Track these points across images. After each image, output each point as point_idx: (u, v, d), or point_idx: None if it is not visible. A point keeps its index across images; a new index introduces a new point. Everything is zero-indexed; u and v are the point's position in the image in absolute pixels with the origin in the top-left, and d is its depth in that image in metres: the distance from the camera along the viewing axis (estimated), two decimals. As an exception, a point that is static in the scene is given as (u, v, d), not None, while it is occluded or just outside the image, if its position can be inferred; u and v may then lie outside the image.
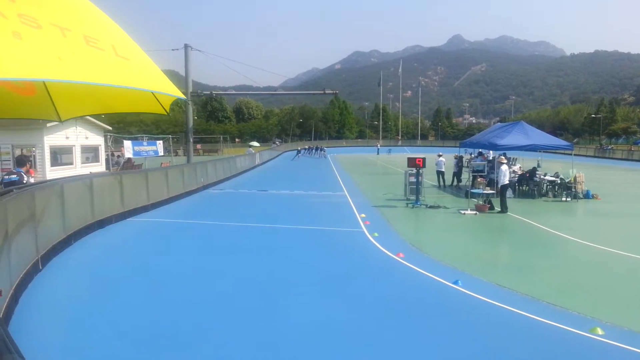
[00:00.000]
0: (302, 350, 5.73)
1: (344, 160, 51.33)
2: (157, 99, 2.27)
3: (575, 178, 20.84)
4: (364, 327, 6.45)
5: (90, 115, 32.72)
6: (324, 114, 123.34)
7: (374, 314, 6.94)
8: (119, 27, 1.91)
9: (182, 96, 1.98)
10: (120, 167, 31.26)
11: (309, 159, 51.30)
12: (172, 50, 30.87)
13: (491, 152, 24.01)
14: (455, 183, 24.60)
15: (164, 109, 2.34)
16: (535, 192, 21.27)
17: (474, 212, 16.25)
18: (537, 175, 22.01)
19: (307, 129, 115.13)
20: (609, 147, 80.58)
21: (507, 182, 17.07)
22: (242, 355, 5.56)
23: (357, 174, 34.05)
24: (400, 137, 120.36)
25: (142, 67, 1.89)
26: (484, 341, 6.08)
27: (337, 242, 11.96)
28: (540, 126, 52.11)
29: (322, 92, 34.50)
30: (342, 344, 5.90)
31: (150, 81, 1.88)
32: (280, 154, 64.07)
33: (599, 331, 6.27)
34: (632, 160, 62.95)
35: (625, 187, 27.82)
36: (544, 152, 27.96)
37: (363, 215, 15.41)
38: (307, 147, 67.80)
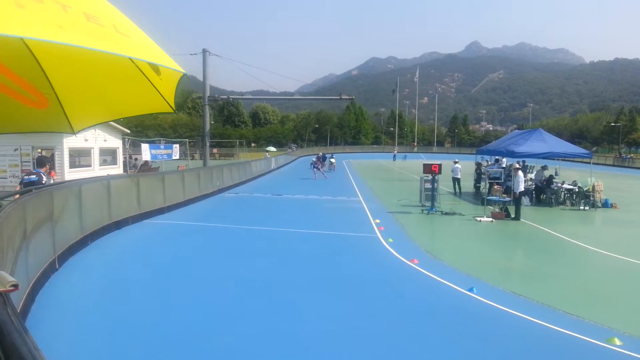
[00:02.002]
0: (316, 355, 5.72)
1: (360, 166, 51.24)
2: (162, 97, 2.29)
3: (593, 187, 20.54)
4: (377, 333, 6.41)
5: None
6: (340, 120, 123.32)
7: (387, 320, 6.90)
8: (120, 11, 1.93)
9: (183, 71, 2.01)
10: (138, 169, 31.60)
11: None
12: (191, 55, 31.22)
13: (505, 159, 23.79)
14: (475, 190, 24.39)
15: (170, 106, 2.36)
16: (553, 201, 20.99)
17: (490, 219, 16.09)
18: (555, 184, 21.72)
19: (323, 135, 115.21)
20: (629, 157, 79.33)
21: (522, 189, 16.88)
22: (255, 356, 5.56)
23: (373, 180, 33.97)
24: (416, 144, 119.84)
25: (143, 43, 1.91)
26: (499, 349, 6.01)
27: (351, 247, 11.93)
28: (559, 134, 51.52)
29: (338, 97, 34.48)
30: (354, 350, 5.87)
31: (151, 54, 1.91)
32: (295, 159, 64.21)
33: (617, 341, 6.15)
34: (653, 169, 61.84)
35: (646, 197, 27.31)
36: (562, 160, 27.65)
37: (377, 220, 15.35)
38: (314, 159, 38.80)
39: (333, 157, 44.45)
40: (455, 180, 24.55)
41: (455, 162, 24.97)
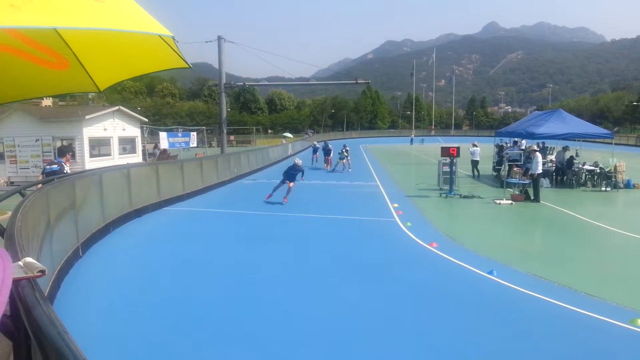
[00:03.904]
0: (335, 337, 5.76)
1: (377, 151, 51.01)
2: (177, 53, 2.31)
3: (615, 167, 20.17)
4: (398, 316, 6.44)
5: (127, 107, 33.46)
6: (356, 105, 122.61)
7: (407, 303, 6.92)
8: None
9: (171, 34, 2.01)
10: (156, 157, 31.90)
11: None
12: (206, 42, 31.20)
13: (524, 141, 23.46)
14: (495, 173, 24.16)
15: (184, 61, 2.39)
16: (574, 182, 20.69)
17: (510, 202, 15.93)
18: (576, 165, 21.38)
19: (339, 120, 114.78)
20: (652, 136, 77.48)
21: (540, 170, 16.65)
22: (276, 341, 5.62)
23: (390, 164, 33.82)
24: (433, 127, 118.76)
25: (130, 11, 1.92)
26: (520, 331, 5.99)
27: (370, 231, 11.93)
28: (579, 114, 50.61)
29: (354, 81, 34.20)
30: (375, 332, 5.90)
31: (139, 23, 1.91)
32: (312, 145, 64.15)
33: (640, 323, 6.09)
34: (677, 149, 60.48)
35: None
36: (583, 140, 27.19)
37: (396, 205, 15.31)
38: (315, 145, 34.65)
39: (346, 149, 27.83)
40: (475, 163, 24.31)
41: (475, 145, 24.70)
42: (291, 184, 15.98)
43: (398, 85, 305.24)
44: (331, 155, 29.81)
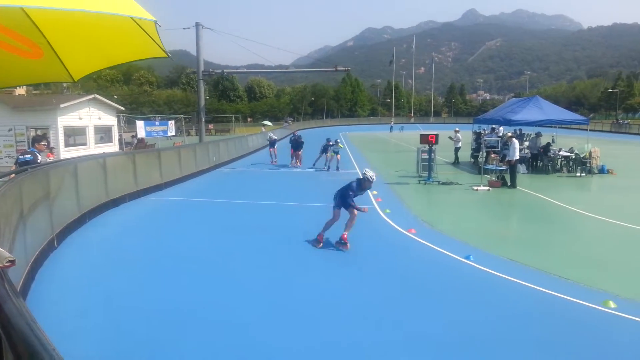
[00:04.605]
0: (316, 323, 5.80)
1: (356, 138, 51.11)
2: (155, 41, 2.27)
3: (590, 153, 20.55)
4: (376, 302, 6.50)
5: (103, 95, 32.87)
6: (336, 92, 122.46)
7: (386, 289, 6.98)
8: None
9: (153, 18, 1.98)
10: (133, 147, 31.48)
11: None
12: (184, 29, 30.76)
13: (501, 128, 23.76)
14: (473, 160, 24.44)
15: (163, 50, 2.35)
16: (550, 168, 21.04)
17: (487, 188, 16.14)
18: (552, 151, 21.72)
19: (319, 108, 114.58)
20: (626, 122, 79.12)
21: (517, 157, 16.90)
22: (255, 329, 5.64)
23: (370, 152, 33.92)
24: (413, 115, 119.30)
25: None
26: (496, 314, 6.10)
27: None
28: (556, 101, 51.31)
29: (333, 69, 34.16)
30: (355, 318, 5.95)
31: (122, 6, 1.88)
32: (291, 133, 63.95)
33: (611, 304, 6.25)
34: (650, 135, 61.92)
35: (642, 162, 27.41)
36: (559, 127, 27.61)
37: (375, 192, 15.35)
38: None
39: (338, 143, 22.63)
40: (457, 150, 24.57)
41: (457, 132, 24.91)
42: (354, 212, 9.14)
43: (378, 72, 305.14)
44: (302, 149, 23.88)
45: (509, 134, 18.74)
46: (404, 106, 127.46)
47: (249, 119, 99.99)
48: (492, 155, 19.10)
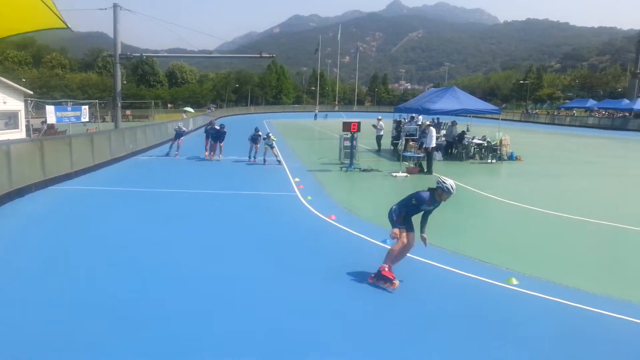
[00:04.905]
0: (240, 311, 5.68)
1: (281, 126, 50.91)
2: (52, 11, 2.06)
3: (501, 141, 21.77)
4: (294, 287, 6.48)
5: (9, 78, 30.39)
6: (261, 79, 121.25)
7: (304, 275, 6.98)
8: None
9: None
10: (42, 133, 29.47)
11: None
12: (100, 10, 29.10)
13: (420, 117, 24.58)
14: (393, 147, 25.06)
15: (61, 20, 2.14)
16: (464, 155, 22.03)
17: (405, 174, 16.63)
18: (466, 139, 22.75)
19: (244, 95, 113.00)
20: (534, 112, 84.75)
21: (434, 144, 17.54)
22: (182, 318, 5.43)
23: (293, 139, 33.87)
24: (337, 103, 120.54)
25: None
26: (412, 296, 6.27)
27: (270, 206, 11.89)
28: (472, 92, 53.72)
29: (258, 55, 33.80)
30: (273, 305, 5.89)
31: None
32: (215, 120, 62.63)
33: (514, 281, 6.65)
34: (555, 124, 66.82)
35: (547, 150, 29.41)
36: (474, 116, 28.95)
37: (297, 179, 15.40)
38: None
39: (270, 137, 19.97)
40: (379, 138, 25.09)
41: (379, 120, 25.44)
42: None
43: (304, 60, 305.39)
44: (224, 140, 21.47)
45: (427, 123, 19.43)
46: (328, 94, 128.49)
47: (169, 105, 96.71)
48: (411, 143, 19.70)
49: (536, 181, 16.58)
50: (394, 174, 16.57)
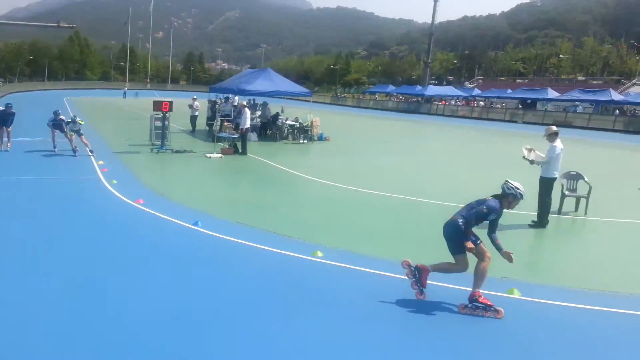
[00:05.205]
0: (55, 306, 5.02)
1: (84, 104, 46.42)
2: None
3: (312, 122, 22.94)
4: (99, 277, 5.99)
5: None
6: (61, 52, 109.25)
7: (109, 263, 6.51)
8: None
9: None
10: None
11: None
12: None
13: (236, 97, 24.66)
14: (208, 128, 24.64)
15: None
16: (278, 136, 22.70)
17: (220, 155, 16.51)
18: (280, 120, 23.44)
19: (40, 68, 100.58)
20: (343, 96, 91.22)
21: (248, 125, 17.73)
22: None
23: (99, 119, 31.11)
24: (149, 80, 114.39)
25: None
26: (225, 278, 6.26)
27: (68, 192, 10.81)
28: (287, 75, 55.30)
29: (56, 25, 30.31)
30: (81, 290, 5.36)
31: None
32: (3, 95, 54.54)
33: (319, 254, 7.07)
34: (360, 107, 72.95)
35: (352, 130, 31.90)
36: (288, 98, 29.95)
37: (101, 162, 14.22)
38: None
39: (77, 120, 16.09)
40: (193, 118, 24.44)
41: (194, 100, 24.75)
42: None
43: (112, 33, 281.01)
44: (12, 124, 16.34)
45: (243, 103, 19.48)
46: (140, 71, 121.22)
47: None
48: (226, 124, 19.61)
49: (341, 159, 17.84)
50: (208, 155, 16.32)
